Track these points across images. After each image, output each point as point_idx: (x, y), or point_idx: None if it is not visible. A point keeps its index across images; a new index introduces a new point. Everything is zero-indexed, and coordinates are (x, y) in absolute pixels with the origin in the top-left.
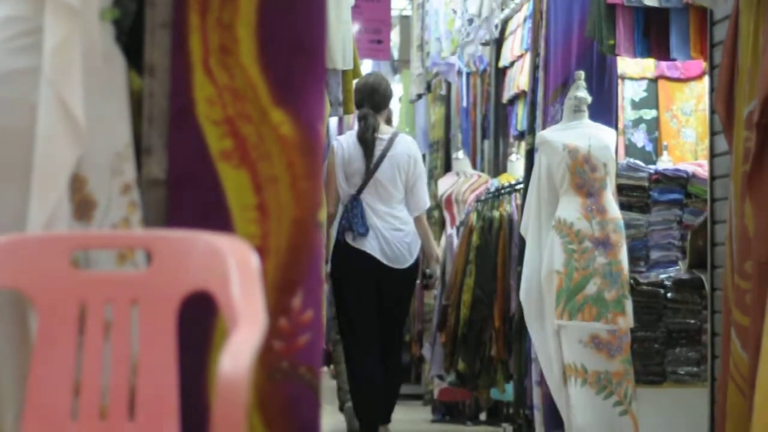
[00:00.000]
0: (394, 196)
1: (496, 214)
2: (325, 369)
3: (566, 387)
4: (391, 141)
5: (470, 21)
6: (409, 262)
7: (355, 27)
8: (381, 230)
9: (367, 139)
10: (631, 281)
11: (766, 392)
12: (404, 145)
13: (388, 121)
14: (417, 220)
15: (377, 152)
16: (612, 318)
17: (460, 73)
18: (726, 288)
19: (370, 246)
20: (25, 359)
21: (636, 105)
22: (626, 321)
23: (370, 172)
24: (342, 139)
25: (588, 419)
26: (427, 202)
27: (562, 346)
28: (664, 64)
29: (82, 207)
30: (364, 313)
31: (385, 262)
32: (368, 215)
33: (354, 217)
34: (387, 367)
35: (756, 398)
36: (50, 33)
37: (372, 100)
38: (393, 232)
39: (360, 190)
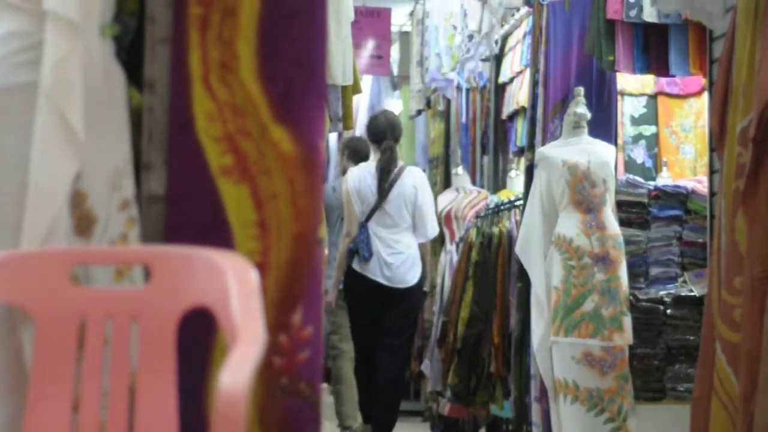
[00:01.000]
0: (399, 224)
1: (495, 230)
2: (324, 385)
3: (555, 404)
4: (399, 173)
5: (470, 37)
6: (411, 282)
7: (355, 43)
8: (383, 255)
9: (390, 170)
10: (631, 297)
11: None
12: (411, 177)
13: None
14: (422, 246)
15: (387, 182)
16: (608, 335)
17: (459, 89)
18: (710, 303)
19: (372, 270)
20: (12, 372)
21: (635, 121)
22: (624, 337)
23: (378, 201)
24: (355, 170)
25: None
26: (431, 231)
27: (554, 362)
28: (663, 80)
29: (83, 223)
30: (363, 327)
31: (385, 283)
32: (373, 241)
33: (360, 243)
34: (389, 381)
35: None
36: (51, 48)
37: (393, 134)
38: (394, 255)
39: (368, 218)
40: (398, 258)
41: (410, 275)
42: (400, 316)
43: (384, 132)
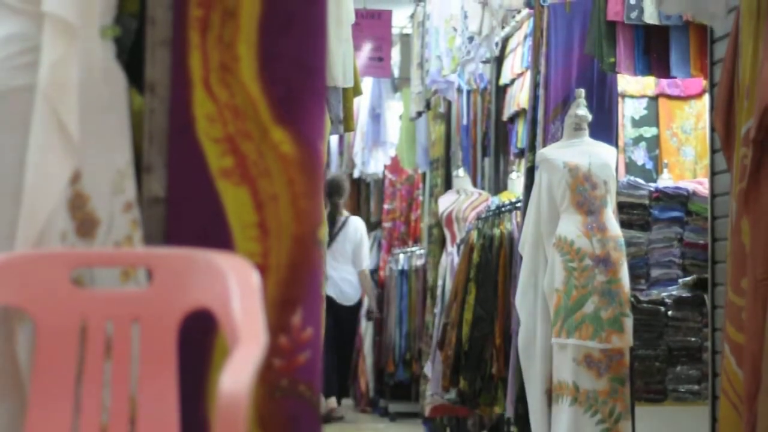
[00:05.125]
0: (345, 257)
1: (496, 231)
2: None
3: (555, 405)
4: (345, 221)
5: (470, 39)
6: (354, 300)
7: (356, 45)
8: (335, 279)
9: (334, 218)
10: (632, 299)
11: None
12: (353, 224)
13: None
14: (361, 274)
15: (336, 228)
16: (606, 336)
17: (460, 90)
18: (725, 305)
19: (329, 289)
20: (8, 376)
21: (636, 123)
22: (623, 339)
23: (329, 241)
24: None
25: None
26: (365, 263)
27: (555, 365)
28: (664, 81)
29: (85, 225)
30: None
31: (337, 300)
32: (327, 269)
33: None
34: (340, 368)
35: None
36: (48, 50)
37: (337, 193)
38: (342, 280)
39: None
40: (345, 282)
41: (353, 295)
42: (346, 329)
43: (330, 192)
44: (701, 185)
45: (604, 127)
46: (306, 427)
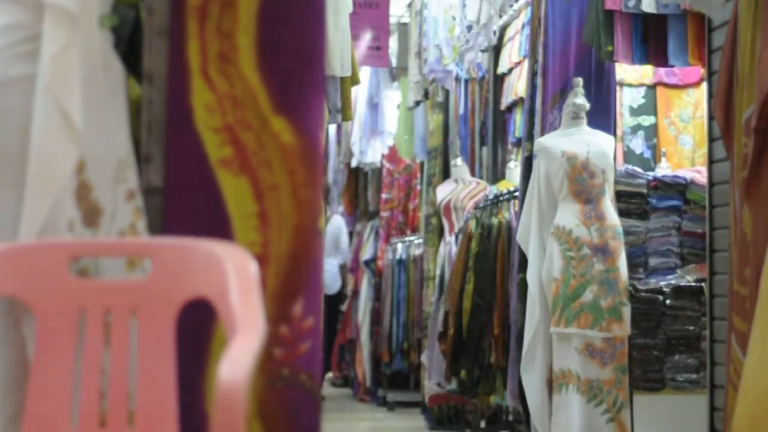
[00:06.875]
0: (327, 251)
1: (494, 220)
2: None
3: (557, 394)
4: (327, 220)
5: (469, 28)
6: (333, 291)
7: (354, 34)
8: None
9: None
10: (630, 288)
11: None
12: (335, 223)
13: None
14: (343, 267)
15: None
16: (606, 325)
17: (458, 80)
18: (728, 295)
19: None
20: (16, 366)
21: (634, 111)
22: (622, 328)
23: None
24: None
25: (575, 426)
26: (345, 256)
27: (556, 354)
28: (662, 70)
29: (90, 214)
30: None
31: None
32: None
33: None
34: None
35: (739, 399)
36: (49, 40)
37: (324, 194)
38: (324, 272)
39: None
40: (326, 275)
41: (335, 285)
42: (327, 314)
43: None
44: (699, 174)
45: (602, 116)
46: (306, 417)
